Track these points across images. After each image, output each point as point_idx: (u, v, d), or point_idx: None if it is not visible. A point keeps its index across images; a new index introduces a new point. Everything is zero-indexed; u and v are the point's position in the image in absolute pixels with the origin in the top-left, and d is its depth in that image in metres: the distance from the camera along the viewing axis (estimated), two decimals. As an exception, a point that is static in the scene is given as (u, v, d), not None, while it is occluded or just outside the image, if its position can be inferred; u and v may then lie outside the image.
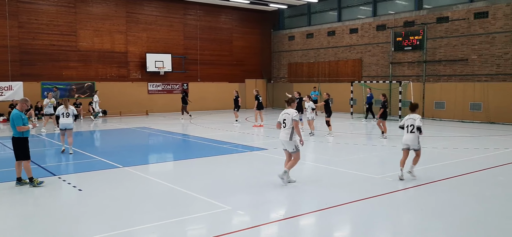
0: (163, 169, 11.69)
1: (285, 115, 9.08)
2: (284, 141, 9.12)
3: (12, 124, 9.04)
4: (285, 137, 9.04)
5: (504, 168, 10.99)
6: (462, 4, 23.25)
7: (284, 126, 9.07)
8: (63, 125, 13.11)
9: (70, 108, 13.25)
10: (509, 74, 21.53)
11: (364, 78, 27.82)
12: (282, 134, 9.14)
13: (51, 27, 25.61)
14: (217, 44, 32.55)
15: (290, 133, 8.99)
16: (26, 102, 9.42)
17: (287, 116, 9.03)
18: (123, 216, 7.20)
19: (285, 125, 9.03)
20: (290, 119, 8.94)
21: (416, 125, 9.48)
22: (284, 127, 9.06)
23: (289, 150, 9.13)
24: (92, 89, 26.98)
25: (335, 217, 7.22)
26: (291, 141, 9.02)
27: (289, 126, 8.97)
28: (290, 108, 9.22)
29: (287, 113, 9.07)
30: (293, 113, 8.98)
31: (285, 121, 9.05)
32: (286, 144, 9.12)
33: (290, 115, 8.97)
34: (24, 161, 9.07)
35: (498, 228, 6.69)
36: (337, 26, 29.93)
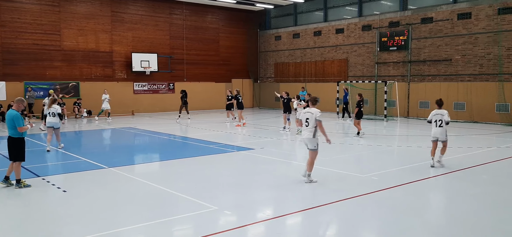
0: (149, 170, 11.61)
1: (309, 114, 9.21)
2: (306, 139, 9.26)
3: (11, 124, 8.79)
4: (309, 135, 9.20)
5: (487, 167, 11.17)
6: (445, 5, 23.57)
7: (306, 125, 9.21)
8: (50, 124, 13.61)
9: (55, 107, 13.61)
10: (492, 74, 21.90)
11: (350, 78, 28.02)
12: (305, 133, 9.28)
13: (34, 26, 25.23)
14: (203, 43, 32.45)
15: (313, 132, 9.16)
16: (22, 102, 9.27)
17: (310, 115, 9.18)
18: (108, 218, 7.13)
19: (308, 124, 9.18)
20: (314, 119, 9.11)
21: (445, 120, 10.74)
22: (307, 125, 9.20)
23: (310, 147, 9.27)
24: (76, 89, 26.66)
25: (322, 216, 7.26)
26: (314, 138, 9.20)
27: (312, 125, 9.13)
28: (313, 107, 9.33)
29: (311, 112, 9.21)
30: (316, 113, 9.13)
31: (308, 120, 9.20)
32: (308, 142, 9.26)
33: (314, 114, 9.14)
34: (17, 162, 8.92)
35: (481, 225, 6.80)
36: (323, 26, 30.09)
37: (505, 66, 21.38)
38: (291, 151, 14.35)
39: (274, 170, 10.93)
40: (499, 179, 10.05)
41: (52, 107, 13.70)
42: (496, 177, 10.24)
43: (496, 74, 21.69)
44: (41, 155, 13.23)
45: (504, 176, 10.38)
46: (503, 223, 6.90)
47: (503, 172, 10.71)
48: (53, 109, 13.64)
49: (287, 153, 13.77)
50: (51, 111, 13.64)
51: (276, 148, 14.38)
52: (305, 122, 9.25)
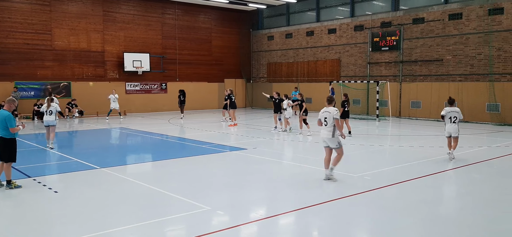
0: (141, 170, 11.56)
1: (326, 114, 9.31)
2: (326, 138, 9.34)
3: (3, 124, 8.69)
4: (328, 134, 9.30)
5: (477, 166, 11.27)
6: (437, 6, 23.74)
7: (325, 124, 9.31)
8: (46, 122, 14.02)
9: (53, 106, 14.01)
10: (482, 74, 22.09)
11: (342, 78, 28.12)
12: (324, 132, 9.37)
13: (25, 25, 25.02)
14: (196, 43, 32.39)
15: (332, 131, 9.24)
16: (14, 102, 9.22)
17: (328, 114, 9.28)
18: (100, 218, 7.09)
19: (327, 123, 9.27)
20: (331, 117, 9.21)
21: (459, 118, 11.69)
22: (326, 125, 9.29)
23: (332, 146, 9.36)
24: (68, 89, 26.47)
25: (314, 216, 7.27)
26: (334, 138, 9.29)
27: (331, 124, 9.23)
28: (330, 106, 9.41)
29: (328, 111, 9.30)
30: (333, 112, 9.24)
31: (326, 119, 9.29)
32: (328, 141, 9.35)
33: (331, 113, 9.24)
34: (7, 163, 8.83)
35: (472, 224, 6.86)
36: (316, 26, 30.16)
37: (496, 66, 21.58)
38: (284, 151, 14.37)
39: (266, 170, 10.94)
40: (490, 178, 10.15)
41: (51, 105, 14.06)
42: (487, 176, 10.34)
43: (486, 74, 21.89)
44: (32, 155, 13.13)
45: (495, 175, 10.48)
46: (494, 222, 6.97)
47: (494, 171, 10.81)
48: (51, 108, 13.98)
49: (280, 153, 13.78)
50: (50, 109, 13.99)
51: (268, 148, 14.39)
52: (323, 122, 9.37)
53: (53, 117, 14.00)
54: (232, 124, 20.91)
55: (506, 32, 21.15)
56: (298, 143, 15.49)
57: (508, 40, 21.10)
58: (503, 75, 21.39)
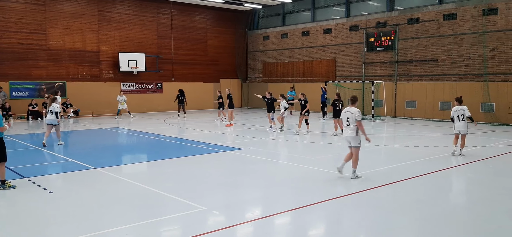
0: (136, 170, 11.53)
1: (348, 114, 9.50)
2: (350, 137, 9.49)
3: None
4: (351, 133, 9.46)
5: (472, 166, 11.32)
6: (432, 6, 23.83)
7: (347, 124, 9.50)
8: (48, 121, 14.62)
9: (53, 105, 14.43)
10: (477, 74, 22.20)
11: (338, 78, 28.18)
12: (348, 131, 9.53)
13: (19, 25, 24.89)
14: (191, 43, 32.35)
15: (356, 129, 9.42)
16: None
17: (350, 114, 9.46)
18: (95, 219, 7.06)
19: (349, 123, 9.46)
20: (353, 118, 9.40)
21: (466, 115, 12.25)
22: (348, 125, 9.49)
23: (354, 145, 9.50)
24: (63, 89, 26.36)
25: (310, 216, 7.28)
26: (357, 136, 9.45)
27: (353, 123, 9.40)
28: (353, 107, 9.59)
29: (350, 112, 9.48)
30: (355, 112, 9.40)
31: (348, 119, 9.48)
32: (351, 139, 9.48)
33: (353, 114, 9.42)
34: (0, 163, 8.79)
35: (465, 223, 6.89)
36: (311, 26, 30.20)
37: (490, 66, 21.70)
38: (280, 151, 14.38)
39: (262, 170, 10.94)
40: (484, 177, 10.20)
41: (52, 105, 14.48)
42: (482, 175, 10.39)
43: (481, 74, 22.01)
44: (26, 156, 13.06)
45: (490, 174, 10.53)
46: (488, 221, 7.01)
47: (489, 171, 10.87)
48: (52, 107, 14.44)
49: (276, 153, 13.79)
50: (50, 109, 14.47)
51: (264, 148, 14.40)
52: (346, 122, 9.54)
53: (54, 116, 14.48)
54: (229, 123, 20.95)
55: (500, 32, 21.27)
56: (294, 143, 15.51)
57: (502, 40, 21.22)
58: (497, 75, 21.51)
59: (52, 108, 14.44)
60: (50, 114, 14.46)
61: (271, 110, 18.70)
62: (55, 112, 14.45)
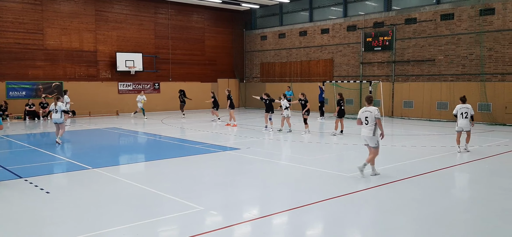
0: (134, 170, 11.51)
1: (367, 113, 9.56)
2: (367, 137, 9.59)
3: None
4: (369, 133, 9.57)
5: (469, 165, 11.35)
6: (429, 6, 23.89)
7: (366, 123, 9.58)
8: (54, 120, 15.04)
9: (58, 104, 14.86)
10: (474, 74, 22.27)
11: (335, 78, 28.21)
12: (365, 131, 9.62)
13: (16, 25, 24.81)
14: (189, 43, 32.32)
15: (373, 130, 9.52)
16: None
17: (369, 113, 9.54)
18: (93, 219, 7.04)
19: (368, 122, 9.54)
20: (373, 117, 9.48)
21: (470, 113, 12.72)
22: (367, 124, 9.56)
23: (371, 145, 9.61)
24: (59, 89, 26.30)
25: (307, 216, 7.29)
26: (374, 136, 9.56)
27: (372, 123, 9.50)
28: (371, 106, 9.68)
29: (369, 111, 9.56)
30: (375, 111, 9.49)
31: (367, 119, 9.55)
32: (368, 139, 9.60)
33: (372, 112, 9.50)
34: None
35: (460, 223, 6.91)
36: (309, 26, 30.22)
37: (487, 66, 21.76)
38: (277, 151, 14.38)
39: (260, 170, 10.94)
40: (481, 177, 10.23)
41: (57, 104, 14.90)
42: (479, 175, 10.42)
43: (478, 74, 22.07)
44: (23, 156, 13.03)
45: (487, 174, 10.56)
46: (485, 221, 7.02)
47: (486, 170, 10.90)
48: (57, 107, 14.87)
49: (273, 153, 13.79)
50: (55, 108, 14.91)
51: (261, 148, 14.40)
52: (364, 121, 9.59)
53: (59, 115, 14.85)
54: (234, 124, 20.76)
55: (497, 32, 21.34)
56: (291, 143, 15.51)
57: (499, 40, 21.29)
58: (494, 75, 21.57)
59: (58, 107, 14.82)
60: (55, 113, 14.84)
61: (269, 110, 18.69)
62: (61, 111, 14.83)
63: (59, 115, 14.88)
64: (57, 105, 14.88)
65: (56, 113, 14.87)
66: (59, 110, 14.85)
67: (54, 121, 15.13)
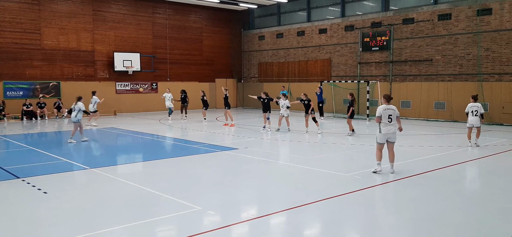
0: (131, 170, 11.50)
1: (391, 111, 9.99)
2: (392, 133, 10.02)
3: None
4: (395, 129, 10.07)
5: (466, 165, 11.38)
6: (426, 6, 23.93)
7: (390, 120, 9.96)
8: (73, 119, 15.35)
9: (78, 104, 15.27)
10: (471, 74, 22.32)
11: (333, 77, 28.23)
12: (392, 128, 10.00)
13: (13, 24, 24.74)
14: (186, 43, 32.30)
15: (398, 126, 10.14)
16: None
17: (392, 111, 9.99)
18: (90, 219, 7.03)
19: (391, 120, 9.97)
20: (396, 114, 10.02)
21: (480, 111, 13.75)
22: (390, 121, 9.96)
23: (395, 141, 10.13)
24: (57, 89, 26.25)
25: (305, 215, 7.29)
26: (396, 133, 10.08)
27: (395, 120, 10.01)
28: (391, 104, 10.17)
29: (392, 109, 10.01)
30: (396, 109, 10.06)
31: (391, 116, 9.97)
32: (393, 136, 10.07)
33: (395, 110, 10.04)
34: None
35: (458, 223, 6.92)
36: (307, 26, 30.24)
37: (484, 66, 21.82)
38: (275, 150, 14.39)
39: (257, 169, 10.95)
40: (479, 177, 10.25)
41: (77, 104, 15.30)
42: (476, 175, 10.45)
43: (475, 74, 22.12)
44: (20, 156, 13.00)
45: (484, 174, 10.59)
46: (482, 221, 7.04)
47: (483, 170, 10.93)
48: (77, 106, 15.27)
49: (271, 153, 13.79)
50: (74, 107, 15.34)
51: (259, 147, 14.40)
52: (387, 119, 9.96)
53: (75, 114, 15.16)
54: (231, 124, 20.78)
55: (494, 32, 21.39)
56: (289, 142, 15.52)
57: (496, 40, 21.35)
58: (491, 75, 21.63)
59: (77, 107, 15.20)
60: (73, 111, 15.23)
61: (267, 110, 18.71)
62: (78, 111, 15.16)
63: (75, 115, 15.15)
64: (77, 104, 15.24)
65: (73, 112, 15.25)
66: (77, 110, 15.15)
67: (72, 121, 15.44)
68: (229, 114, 21.20)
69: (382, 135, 10.04)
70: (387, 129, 9.98)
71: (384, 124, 9.97)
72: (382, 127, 10.00)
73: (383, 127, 10.00)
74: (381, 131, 10.01)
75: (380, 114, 10.00)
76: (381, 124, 10.00)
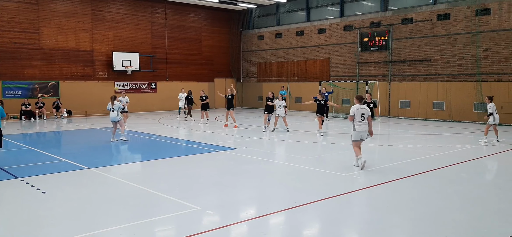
0: (130, 170, 11.48)
1: (363, 110, 10.47)
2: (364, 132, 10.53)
3: None
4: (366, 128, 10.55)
5: (465, 165, 11.39)
6: (425, 6, 23.95)
7: (362, 119, 10.46)
8: (111, 118, 15.51)
9: (116, 104, 15.35)
10: (470, 74, 22.34)
11: (332, 77, 28.25)
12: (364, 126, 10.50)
13: (12, 24, 24.71)
14: (186, 43, 32.29)
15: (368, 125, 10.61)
16: None
17: (365, 111, 10.48)
18: (88, 219, 7.02)
19: (364, 118, 10.47)
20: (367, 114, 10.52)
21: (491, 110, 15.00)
22: (363, 120, 10.46)
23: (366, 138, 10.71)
24: (56, 89, 26.22)
25: (304, 215, 7.29)
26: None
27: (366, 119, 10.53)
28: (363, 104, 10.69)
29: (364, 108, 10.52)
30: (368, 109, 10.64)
31: (363, 115, 10.45)
32: (365, 134, 10.59)
33: (367, 110, 10.60)
34: None
35: (457, 223, 6.93)
36: (306, 26, 30.24)
37: (483, 66, 21.84)
38: (274, 150, 14.38)
39: (257, 169, 10.94)
40: (477, 176, 10.26)
41: (114, 103, 15.39)
42: (475, 174, 10.46)
43: (474, 74, 22.15)
44: (19, 155, 12.97)
45: (482, 173, 10.60)
46: (480, 220, 7.05)
47: (481, 170, 10.94)
48: (114, 105, 15.32)
49: (270, 153, 13.79)
50: (112, 107, 15.35)
51: (259, 147, 14.40)
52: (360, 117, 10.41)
53: (116, 113, 15.31)
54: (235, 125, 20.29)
55: (493, 32, 21.42)
56: (288, 142, 15.52)
57: (495, 40, 21.37)
58: (490, 75, 21.65)
59: (115, 106, 15.29)
60: (112, 111, 15.31)
61: (270, 111, 18.58)
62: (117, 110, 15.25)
63: (116, 114, 15.32)
64: (114, 104, 15.30)
65: (113, 112, 15.31)
66: (116, 109, 15.29)
67: (111, 120, 15.53)
68: (232, 115, 20.56)
69: (356, 133, 10.58)
70: (360, 127, 10.51)
71: (358, 123, 10.49)
72: (356, 126, 10.52)
73: (357, 125, 10.52)
74: (355, 129, 10.55)
75: (353, 113, 10.48)
76: (355, 122, 10.51)
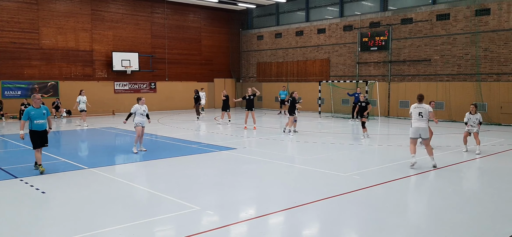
0: (130, 170, 11.48)
1: (421, 109, 10.71)
2: (423, 128, 10.67)
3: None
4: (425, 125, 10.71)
5: (465, 165, 11.40)
6: (425, 6, 23.96)
7: (421, 117, 10.68)
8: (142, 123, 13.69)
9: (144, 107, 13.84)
10: (469, 74, 22.36)
11: (332, 77, 28.26)
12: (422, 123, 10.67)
13: (11, 24, 24.70)
14: (185, 43, 32.29)
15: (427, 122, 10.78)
16: None
17: (423, 109, 10.69)
18: (88, 219, 7.02)
19: (422, 116, 10.68)
20: (426, 111, 10.70)
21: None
22: (421, 118, 10.68)
23: (426, 136, 10.77)
24: (55, 89, 26.21)
25: (304, 215, 7.29)
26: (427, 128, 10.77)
27: (426, 117, 10.69)
28: (422, 103, 10.88)
29: (423, 107, 10.72)
30: (427, 107, 10.78)
31: (421, 114, 10.68)
32: (424, 131, 10.70)
33: (426, 108, 10.73)
34: None
35: (456, 223, 6.93)
36: (305, 26, 30.25)
37: (482, 66, 21.86)
38: (274, 150, 14.38)
39: (256, 169, 10.94)
40: (476, 176, 10.27)
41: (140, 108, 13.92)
42: (474, 175, 10.46)
43: (473, 74, 22.16)
44: (18, 155, 12.97)
45: (481, 174, 10.60)
46: (479, 220, 7.06)
47: (480, 170, 10.94)
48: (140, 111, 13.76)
49: (270, 153, 13.79)
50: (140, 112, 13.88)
51: (258, 147, 14.40)
52: (418, 116, 10.72)
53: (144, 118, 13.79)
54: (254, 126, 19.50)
55: (492, 32, 21.43)
56: (287, 143, 15.52)
57: (495, 40, 21.39)
58: (490, 75, 21.67)
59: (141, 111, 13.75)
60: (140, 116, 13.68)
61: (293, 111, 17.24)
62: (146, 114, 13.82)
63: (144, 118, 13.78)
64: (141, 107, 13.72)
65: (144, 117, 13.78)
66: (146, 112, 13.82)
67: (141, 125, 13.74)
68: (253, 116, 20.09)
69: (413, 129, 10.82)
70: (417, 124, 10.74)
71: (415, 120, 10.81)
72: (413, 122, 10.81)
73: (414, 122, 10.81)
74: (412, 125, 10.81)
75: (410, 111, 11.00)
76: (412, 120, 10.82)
